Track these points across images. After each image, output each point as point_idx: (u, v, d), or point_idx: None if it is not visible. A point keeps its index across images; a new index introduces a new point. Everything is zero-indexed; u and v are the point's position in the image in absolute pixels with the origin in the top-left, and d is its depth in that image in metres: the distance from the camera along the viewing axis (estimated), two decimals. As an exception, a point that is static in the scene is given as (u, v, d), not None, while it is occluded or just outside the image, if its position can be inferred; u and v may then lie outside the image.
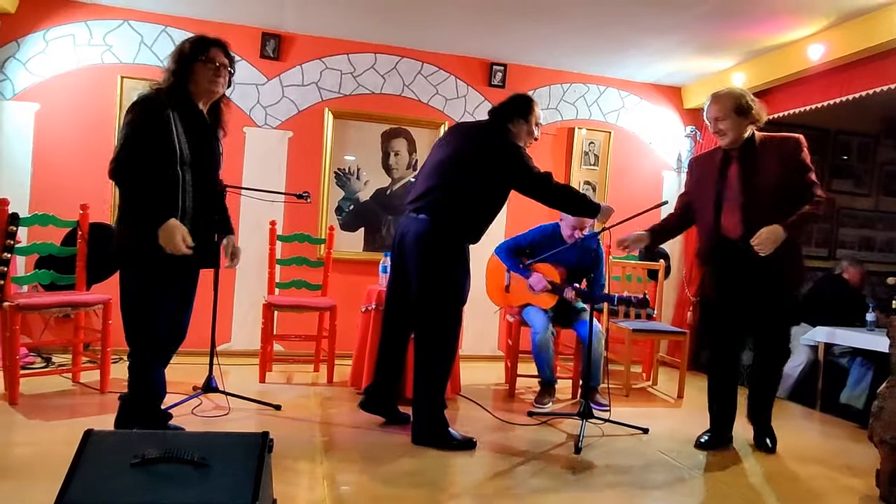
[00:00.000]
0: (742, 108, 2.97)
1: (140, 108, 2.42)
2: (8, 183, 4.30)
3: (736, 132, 3.00)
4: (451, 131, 3.25)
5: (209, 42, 2.61)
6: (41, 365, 3.94)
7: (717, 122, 3.01)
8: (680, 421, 3.68)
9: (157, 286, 2.49)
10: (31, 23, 4.34)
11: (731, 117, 2.98)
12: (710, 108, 3.04)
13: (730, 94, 3.04)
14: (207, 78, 2.56)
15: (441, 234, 2.91)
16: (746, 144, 3.02)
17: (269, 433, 1.77)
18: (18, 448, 2.64)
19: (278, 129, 4.81)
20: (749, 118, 3.00)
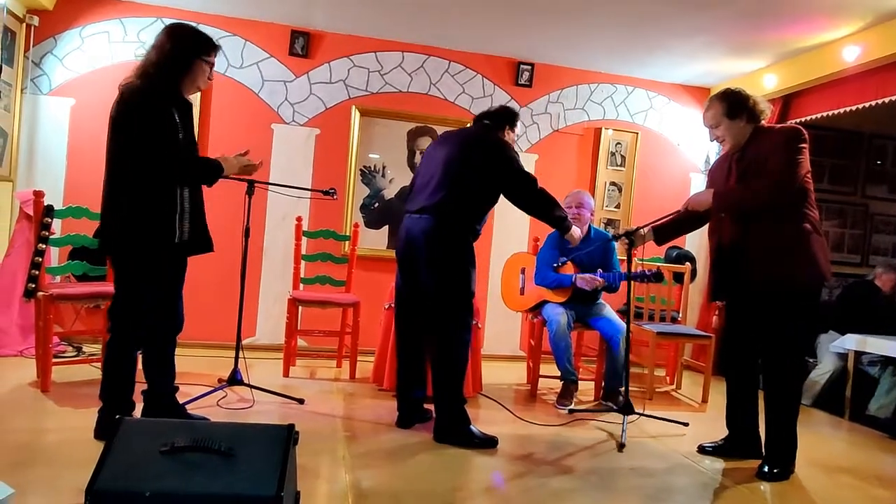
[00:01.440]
0: (733, 110, 2.81)
1: (153, 105, 2.44)
2: (43, 176, 4.41)
3: (734, 136, 2.84)
4: (445, 138, 3.20)
5: (208, 41, 2.62)
6: (72, 354, 4.03)
7: (713, 131, 2.89)
8: (704, 426, 3.63)
9: (157, 277, 2.58)
10: (67, 19, 4.44)
11: (724, 122, 2.83)
12: (705, 115, 2.92)
13: (718, 99, 2.86)
14: (203, 78, 2.62)
15: (450, 230, 2.96)
16: (745, 145, 2.86)
17: (295, 426, 1.80)
18: (50, 434, 2.71)
19: (306, 127, 4.86)
20: (744, 118, 2.82)
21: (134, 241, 2.51)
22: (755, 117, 2.84)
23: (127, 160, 2.46)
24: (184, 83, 2.57)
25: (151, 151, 2.43)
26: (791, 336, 2.80)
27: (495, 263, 5.06)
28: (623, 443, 3.07)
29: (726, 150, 2.92)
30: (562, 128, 5.29)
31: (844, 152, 5.98)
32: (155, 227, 2.50)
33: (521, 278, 4.11)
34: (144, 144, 2.42)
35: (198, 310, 4.33)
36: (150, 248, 2.52)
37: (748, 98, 2.84)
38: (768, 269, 2.74)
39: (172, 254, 2.60)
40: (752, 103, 2.82)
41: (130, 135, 2.43)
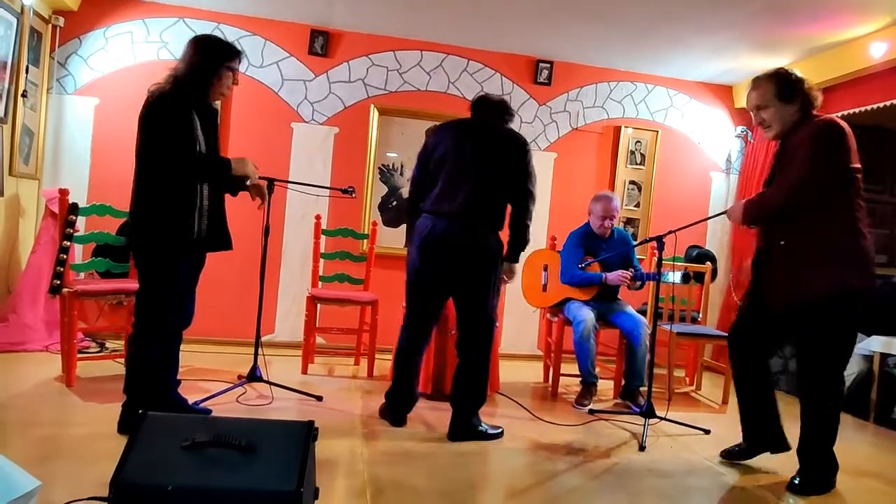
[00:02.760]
0: (788, 91, 2.55)
1: (170, 108, 2.53)
2: (68, 174, 4.48)
3: (782, 122, 2.59)
4: (467, 131, 3.03)
5: (236, 49, 2.71)
6: (96, 350, 4.09)
7: (760, 112, 2.63)
8: (724, 427, 3.58)
9: (175, 273, 2.63)
10: (92, 20, 4.51)
11: (774, 105, 2.57)
12: (750, 95, 2.67)
13: (771, 77, 2.60)
14: (227, 85, 2.71)
15: (496, 238, 3.01)
16: (788, 135, 2.62)
17: (314, 422, 1.81)
18: (75, 428, 2.75)
19: (325, 125, 4.88)
20: (797, 103, 2.57)
21: (153, 237, 2.58)
22: (808, 105, 2.59)
23: (146, 159, 2.56)
24: (209, 90, 2.66)
25: (165, 150, 2.52)
26: (817, 349, 2.56)
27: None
28: (643, 444, 3.05)
29: (769, 138, 2.71)
30: (581, 126, 5.26)
31: (872, 150, 5.86)
32: (173, 224, 2.57)
33: (545, 275, 4.10)
34: (160, 144, 2.52)
35: (218, 307, 4.39)
36: (169, 244, 2.59)
37: (804, 81, 2.59)
38: (788, 280, 2.57)
39: (190, 250, 2.67)
40: (808, 88, 2.58)
41: (150, 135, 2.53)
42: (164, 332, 2.67)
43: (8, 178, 4.05)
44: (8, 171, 4.04)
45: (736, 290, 5.27)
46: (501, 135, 3.03)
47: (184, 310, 2.79)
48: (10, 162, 4.05)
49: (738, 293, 5.24)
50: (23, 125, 4.14)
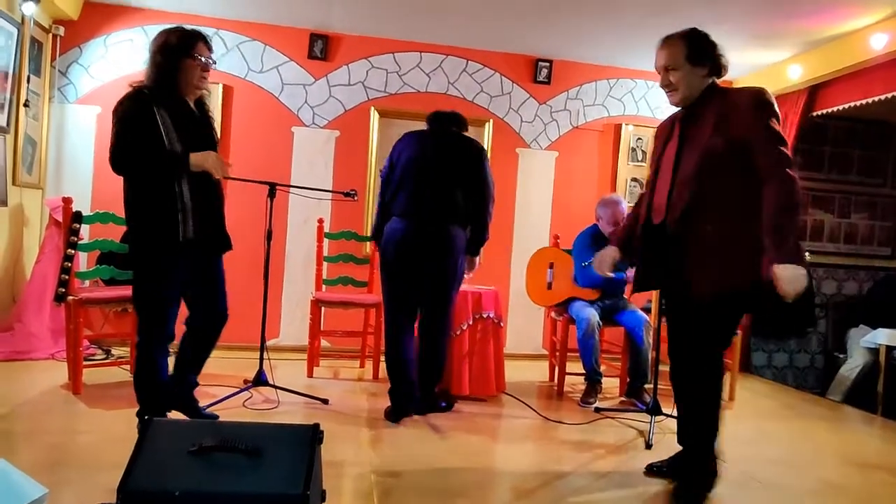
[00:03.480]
0: (698, 54, 2.34)
1: (123, 105, 2.49)
2: (71, 182, 4.50)
3: (689, 87, 2.35)
4: (422, 141, 3.29)
5: (194, 36, 2.59)
6: (101, 357, 4.10)
7: (667, 73, 2.38)
8: (731, 424, 3.58)
9: (165, 282, 2.58)
10: (92, 29, 4.53)
11: (684, 66, 2.34)
12: (658, 54, 2.42)
13: (684, 37, 2.38)
14: (196, 75, 2.58)
15: (456, 234, 3.21)
16: (697, 101, 2.38)
17: (320, 425, 1.81)
18: (82, 436, 2.76)
19: (325, 129, 4.89)
20: (707, 68, 2.35)
21: (137, 239, 2.56)
22: (717, 70, 2.38)
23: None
24: (178, 84, 2.56)
25: (113, 151, 2.47)
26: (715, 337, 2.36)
27: (516, 261, 5.05)
28: (650, 442, 3.05)
29: (673, 103, 2.44)
30: (581, 124, 5.25)
31: (873, 143, 5.86)
32: (154, 225, 2.51)
33: (549, 273, 4.09)
34: (112, 145, 2.47)
35: (223, 312, 4.39)
36: (153, 245, 2.53)
37: (717, 46, 2.38)
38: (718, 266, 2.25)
39: (177, 251, 2.55)
40: (719, 53, 2.38)
41: (111, 138, 2.50)
42: (158, 335, 2.62)
43: (11, 187, 4.07)
44: (11, 180, 4.06)
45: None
46: (459, 140, 3.30)
47: (200, 310, 2.74)
48: (13, 172, 4.07)
49: (742, 288, 5.22)
50: (25, 135, 4.16)
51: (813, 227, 5.80)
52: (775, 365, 5.72)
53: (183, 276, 2.64)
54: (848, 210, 5.84)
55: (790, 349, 5.77)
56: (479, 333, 3.73)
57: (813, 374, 5.79)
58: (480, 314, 3.74)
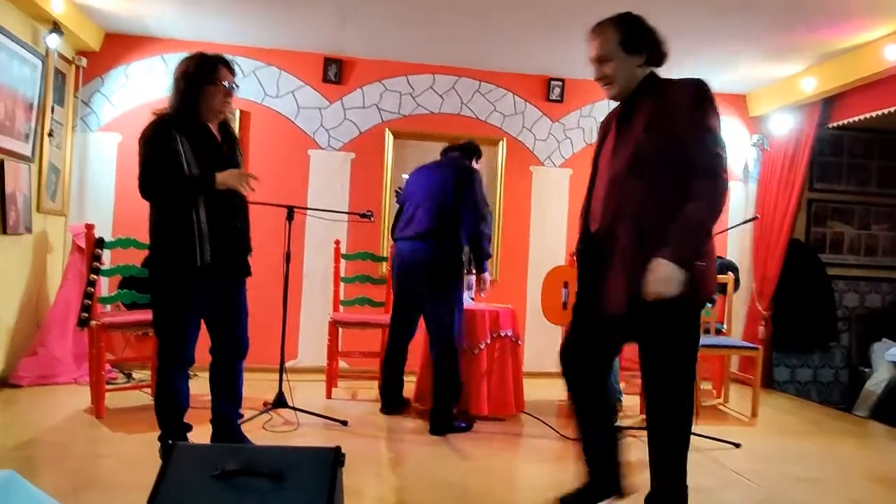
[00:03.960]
0: (633, 41, 2.10)
1: (146, 134, 2.54)
2: (93, 209, 4.59)
3: (626, 79, 2.11)
4: (423, 170, 3.63)
5: (216, 62, 2.60)
6: (123, 380, 4.15)
7: (602, 66, 2.12)
8: (756, 440, 3.53)
9: (181, 307, 2.58)
10: (113, 59, 4.64)
11: (619, 56, 2.09)
12: (590, 45, 2.16)
13: (617, 23, 2.13)
14: (218, 101, 2.59)
15: (443, 252, 3.40)
16: (634, 94, 2.13)
17: (341, 448, 1.81)
18: (105, 459, 2.79)
19: (341, 151, 4.95)
20: (643, 56, 2.11)
21: (157, 264, 2.59)
22: (656, 59, 2.16)
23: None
24: (199, 111, 2.58)
25: (141, 178, 2.52)
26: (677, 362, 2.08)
27: (532, 278, 5.05)
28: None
29: (610, 97, 2.19)
30: (595, 141, 5.26)
31: (892, 154, 5.80)
32: (173, 251, 2.53)
33: (564, 293, 4.07)
34: (139, 172, 2.52)
35: (241, 334, 4.42)
36: (172, 271, 2.55)
37: (654, 31, 2.15)
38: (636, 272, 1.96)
39: (197, 277, 2.55)
40: (658, 39, 2.15)
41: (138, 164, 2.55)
42: (176, 359, 2.62)
43: (36, 214, 4.16)
44: (36, 208, 4.15)
45: (760, 300, 5.20)
46: (450, 165, 3.56)
47: (219, 338, 2.72)
48: (37, 199, 4.16)
49: (762, 302, 5.18)
50: (49, 163, 4.26)
51: (832, 240, 5.73)
52: (799, 380, 5.63)
53: (202, 301, 2.63)
54: (868, 221, 5.78)
55: (814, 364, 5.68)
56: (497, 352, 3.72)
57: (838, 388, 5.69)
58: (498, 333, 3.74)
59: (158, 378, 2.67)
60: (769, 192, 5.23)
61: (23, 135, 3.93)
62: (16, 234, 3.90)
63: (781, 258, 5.06)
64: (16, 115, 3.83)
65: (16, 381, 3.89)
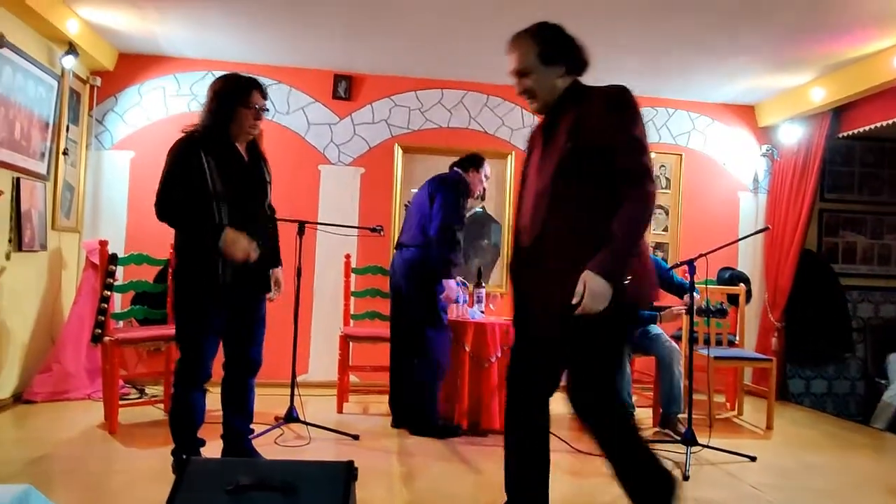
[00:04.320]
0: (552, 52, 2.01)
1: (173, 151, 2.58)
2: (107, 225, 4.64)
3: (549, 92, 2.03)
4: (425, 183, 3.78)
5: (250, 85, 2.63)
6: (135, 396, 4.17)
7: (522, 80, 2.05)
8: (772, 453, 3.49)
9: (200, 322, 2.60)
10: (127, 78, 4.72)
11: (538, 69, 2.02)
12: (509, 58, 2.08)
13: (534, 34, 2.04)
14: (249, 123, 2.62)
15: (423, 260, 3.55)
16: (557, 105, 2.05)
17: (354, 462, 1.82)
18: (118, 475, 2.80)
19: (351, 166, 4.99)
20: (563, 66, 2.03)
21: (181, 278, 2.61)
22: (577, 67, 2.07)
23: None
24: (230, 131, 2.61)
25: (158, 192, 2.56)
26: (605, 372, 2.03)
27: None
28: (687, 473, 2.98)
29: (534, 111, 2.12)
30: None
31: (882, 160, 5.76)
32: (197, 267, 2.56)
33: None
34: (158, 191, 2.57)
35: (253, 349, 4.44)
36: (195, 286, 2.58)
37: (572, 39, 2.07)
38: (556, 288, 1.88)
39: (219, 294, 2.58)
40: (577, 46, 2.07)
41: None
42: (192, 373, 2.64)
43: (51, 231, 4.21)
44: (51, 225, 4.21)
45: (772, 311, 5.16)
46: (439, 177, 3.71)
47: (232, 353, 2.73)
48: (52, 216, 4.22)
49: (774, 314, 5.14)
50: (64, 181, 4.32)
51: (845, 249, 5.69)
52: (814, 392, 5.56)
53: (222, 317, 2.65)
54: (880, 231, 5.73)
55: (829, 375, 5.62)
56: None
57: (854, 401, 5.61)
58: (508, 346, 3.73)
59: (174, 391, 2.68)
60: (779, 203, 5.21)
61: (38, 153, 4.00)
62: (31, 252, 3.95)
63: (793, 269, 5.03)
64: (32, 134, 3.90)
65: (30, 397, 3.92)
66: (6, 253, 3.68)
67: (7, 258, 3.68)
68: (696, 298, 3.60)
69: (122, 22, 4.12)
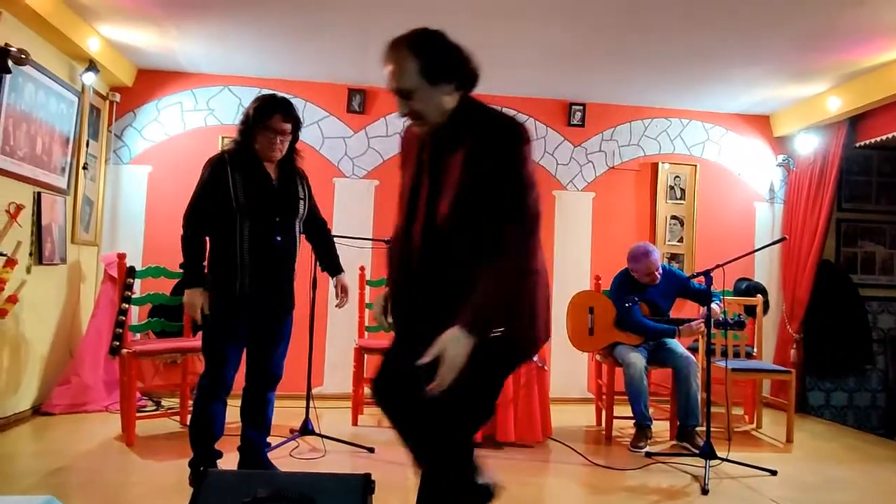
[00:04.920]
0: (437, 68, 1.72)
1: (204, 168, 2.72)
2: (124, 239, 4.70)
3: (437, 112, 1.75)
4: None
5: (271, 109, 2.66)
6: (152, 408, 4.19)
7: (404, 101, 1.75)
8: (792, 467, 3.44)
9: (220, 333, 2.67)
10: (145, 94, 4.79)
11: (423, 88, 1.72)
12: (388, 73, 1.75)
13: (414, 47, 1.72)
14: (266, 145, 2.66)
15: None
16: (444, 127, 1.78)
17: (371, 475, 1.81)
18: (135, 487, 2.81)
19: (365, 179, 5.02)
20: (453, 83, 1.75)
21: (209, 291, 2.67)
22: (468, 81, 1.79)
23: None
24: (258, 151, 2.69)
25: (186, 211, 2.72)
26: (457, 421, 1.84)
27: (558, 302, 4.96)
28: (706, 487, 2.94)
29: (420, 133, 1.83)
30: (617, 164, 5.27)
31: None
32: (217, 279, 2.66)
33: (590, 318, 4.04)
34: (188, 206, 2.73)
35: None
36: (216, 298, 2.65)
37: (457, 49, 1.79)
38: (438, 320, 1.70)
39: (238, 307, 2.64)
40: (464, 58, 1.79)
41: None
42: (212, 384, 2.67)
43: (70, 245, 4.26)
44: (70, 238, 4.26)
45: (790, 322, 5.10)
46: None
47: (253, 368, 2.77)
48: (71, 230, 4.28)
49: (793, 325, 5.08)
50: (83, 195, 4.39)
51: (864, 259, 5.62)
52: (834, 404, 5.47)
53: (243, 329, 2.70)
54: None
55: (849, 388, 5.53)
56: (523, 378, 3.70)
57: (876, 413, 5.51)
58: (524, 358, 3.71)
59: (195, 401, 2.72)
60: (796, 213, 5.17)
61: (59, 168, 4.06)
62: (51, 265, 4.00)
63: (811, 280, 4.97)
64: (53, 149, 3.97)
65: (49, 409, 3.95)
66: (27, 266, 3.73)
67: (28, 271, 3.73)
68: (717, 309, 3.56)
69: (142, 39, 4.20)
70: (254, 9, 3.73)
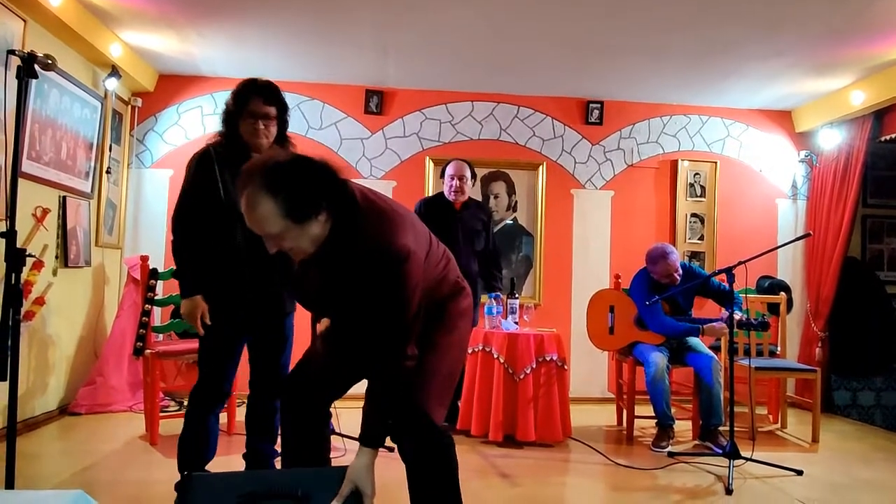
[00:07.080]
0: (301, 207, 1.58)
1: (188, 166, 2.49)
2: (147, 241, 4.77)
3: (312, 242, 1.66)
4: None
5: (249, 92, 2.44)
6: (175, 408, 4.24)
7: (276, 242, 1.64)
8: (819, 468, 3.37)
9: (218, 341, 2.49)
10: (166, 99, 4.86)
11: (292, 229, 1.60)
12: (246, 214, 1.59)
13: (268, 191, 1.55)
14: (251, 132, 2.43)
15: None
16: (320, 251, 1.71)
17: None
18: (158, 485, 2.84)
19: (383, 180, 5.03)
20: (325, 211, 1.62)
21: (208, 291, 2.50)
22: (340, 204, 1.66)
23: None
24: (245, 141, 2.44)
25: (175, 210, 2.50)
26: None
27: (577, 301, 4.99)
28: (730, 487, 2.90)
29: (299, 258, 1.75)
30: (636, 162, 5.23)
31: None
32: (214, 288, 2.46)
33: (610, 317, 4.01)
34: (176, 205, 2.51)
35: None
36: (211, 307, 2.46)
37: (322, 171, 1.64)
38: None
39: (233, 310, 2.48)
40: (330, 180, 1.64)
41: None
42: (204, 390, 2.51)
43: (94, 248, 4.34)
44: (94, 241, 4.34)
45: (815, 320, 5.02)
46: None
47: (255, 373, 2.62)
48: (95, 233, 4.35)
49: (818, 323, 4.99)
50: (107, 199, 4.46)
51: (891, 256, 5.51)
52: (861, 404, 5.37)
53: (242, 338, 2.55)
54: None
55: (876, 387, 5.42)
56: (543, 377, 3.68)
57: (904, 413, 5.40)
58: (543, 357, 3.69)
59: (188, 413, 2.52)
60: (820, 209, 5.08)
61: (83, 173, 4.14)
62: (76, 268, 4.07)
63: (836, 277, 4.89)
64: (77, 154, 4.04)
65: (75, 409, 4.02)
66: (53, 269, 3.80)
67: (54, 274, 3.81)
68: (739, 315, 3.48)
69: (163, 44, 4.26)
70: (271, 13, 3.76)
